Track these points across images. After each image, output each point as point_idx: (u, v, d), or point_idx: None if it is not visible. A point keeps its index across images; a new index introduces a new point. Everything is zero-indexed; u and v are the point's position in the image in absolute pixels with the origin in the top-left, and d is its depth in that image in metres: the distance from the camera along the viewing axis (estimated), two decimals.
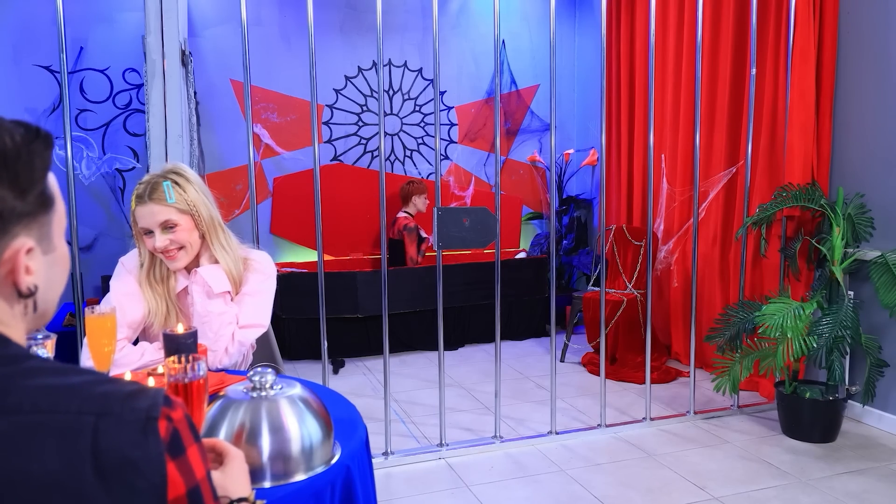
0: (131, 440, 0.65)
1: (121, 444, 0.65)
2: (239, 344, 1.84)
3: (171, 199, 1.78)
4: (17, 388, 0.65)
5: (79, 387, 0.67)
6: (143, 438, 0.66)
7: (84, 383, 0.68)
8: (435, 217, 2.97)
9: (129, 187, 4.76)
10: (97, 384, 0.68)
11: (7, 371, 0.67)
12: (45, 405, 0.65)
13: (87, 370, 0.72)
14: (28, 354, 0.70)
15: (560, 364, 4.51)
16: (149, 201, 1.77)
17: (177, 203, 1.78)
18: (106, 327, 1.36)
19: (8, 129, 0.68)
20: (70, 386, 0.67)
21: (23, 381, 0.66)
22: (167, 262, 1.83)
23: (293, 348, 4.59)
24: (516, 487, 2.76)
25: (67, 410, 0.65)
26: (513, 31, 5.72)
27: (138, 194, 1.79)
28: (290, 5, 5.09)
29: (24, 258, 0.70)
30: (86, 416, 0.65)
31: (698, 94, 3.41)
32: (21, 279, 0.70)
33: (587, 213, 5.78)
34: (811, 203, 3.33)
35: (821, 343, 3.06)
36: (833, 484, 2.75)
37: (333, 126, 5.33)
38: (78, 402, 0.65)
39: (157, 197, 1.77)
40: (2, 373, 0.66)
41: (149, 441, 0.66)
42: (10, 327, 0.72)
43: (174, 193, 1.78)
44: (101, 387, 0.68)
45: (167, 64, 2.65)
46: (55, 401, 0.65)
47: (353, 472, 1.23)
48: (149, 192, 1.78)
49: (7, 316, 0.72)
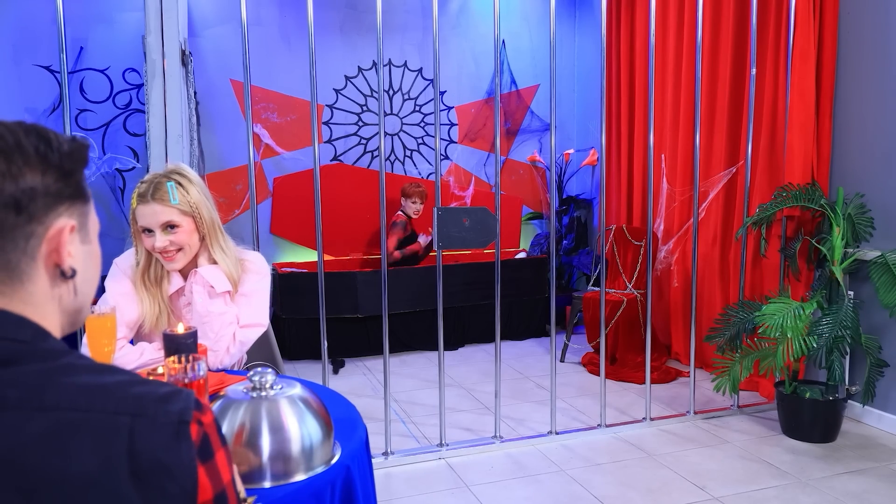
0: (165, 444, 0.66)
1: (155, 447, 0.66)
2: (240, 344, 1.85)
3: (174, 199, 1.77)
4: (56, 385, 0.66)
5: (114, 386, 0.68)
6: (176, 443, 0.67)
7: (119, 383, 0.69)
8: (435, 217, 2.97)
9: (129, 187, 4.76)
10: (131, 385, 0.69)
11: (46, 367, 0.67)
12: (83, 403, 0.65)
13: (120, 370, 0.73)
14: (65, 350, 0.71)
15: (560, 364, 4.51)
16: (151, 201, 1.76)
17: (180, 204, 1.78)
18: (106, 327, 1.36)
19: (53, 131, 0.73)
20: (106, 385, 0.68)
21: (61, 378, 0.67)
22: (165, 263, 1.82)
23: (293, 348, 4.59)
24: (516, 487, 2.76)
25: (104, 410, 0.66)
26: (513, 31, 5.72)
27: (140, 193, 1.78)
28: (290, 5, 5.09)
29: (67, 237, 0.73)
30: (122, 416, 0.66)
31: (698, 94, 3.41)
32: (64, 258, 0.73)
33: (587, 213, 5.78)
34: (811, 203, 3.33)
35: (821, 343, 3.06)
36: (833, 484, 2.75)
37: (333, 126, 5.33)
38: (114, 402, 0.66)
39: (160, 197, 1.77)
40: (41, 368, 0.67)
41: (181, 446, 0.67)
42: (48, 318, 0.73)
43: (177, 194, 1.78)
44: (136, 388, 0.69)
45: (167, 64, 2.65)
46: (92, 399, 0.66)
47: (353, 472, 1.23)
48: (152, 192, 1.77)
49: (46, 301, 0.73)
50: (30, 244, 0.70)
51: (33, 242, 0.71)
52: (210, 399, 1.29)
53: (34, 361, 0.67)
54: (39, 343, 0.70)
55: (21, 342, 0.68)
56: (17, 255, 0.70)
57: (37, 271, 0.72)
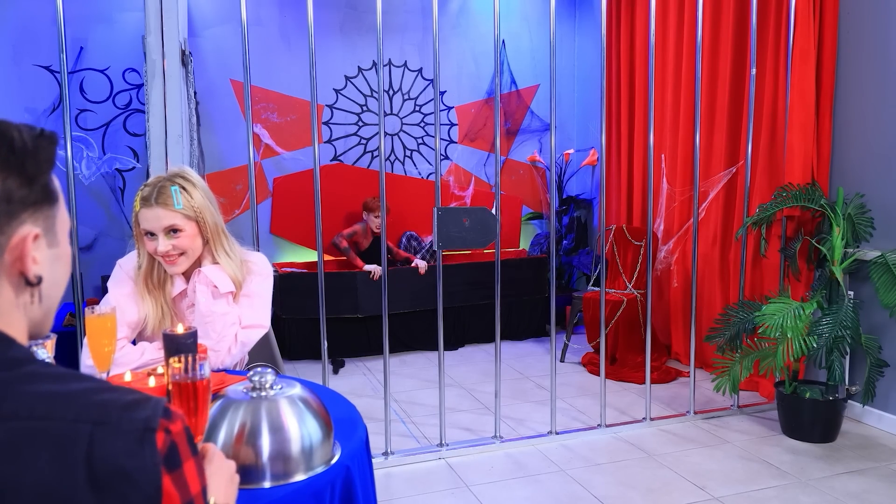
0: (127, 450, 0.64)
1: (115, 453, 0.63)
2: (241, 345, 1.85)
3: (178, 204, 1.76)
4: (15, 393, 0.64)
5: (77, 394, 0.66)
6: (139, 449, 0.65)
7: (83, 391, 0.67)
8: (435, 217, 2.97)
9: (129, 187, 4.76)
10: (96, 392, 0.67)
11: (6, 376, 0.66)
12: (41, 412, 0.64)
13: (88, 377, 0.71)
14: (29, 358, 0.69)
15: (560, 364, 4.51)
16: (155, 205, 1.75)
17: (184, 209, 1.77)
18: (106, 327, 1.36)
19: (15, 126, 0.70)
20: (68, 393, 0.66)
21: (21, 387, 0.65)
22: (167, 267, 1.82)
23: (293, 348, 4.59)
24: (516, 487, 2.76)
25: (63, 418, 0.64)
26: (513, 31, 5.72)
27: (144, 196, 1.77)
28: (290, 5, 5.09)
29: (31, 245, 0.70)
30: (82, 424, 0.64)
31: (698, 94, 3.41)
32: (28, 266, 0.71)
33: (587, 213, 5.78)
34: (811, 203, 3.33)
35: (821, 343, 3.06)
36: (833, 484, 2.75)
37: (333, 126, 5.33)
38: (75, 410, 0.64)
39: (164, 201, 1.75)
40: (1, 378, 0.65)
41: (145, 452, 0.65)
42: (13, 325, 0.71)
43: (181, 199, 1.77)
44: (101, 395, 0.67)
45: (167, 64, 2.65)
46: (51, 408, 0.64)
47: (353, 472, 1.23)
48: (155, 196, 1.76)
49: (12, 309, 0.71)
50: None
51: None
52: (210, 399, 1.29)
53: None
54: (2, 352, 0.68)
55: None
56: None
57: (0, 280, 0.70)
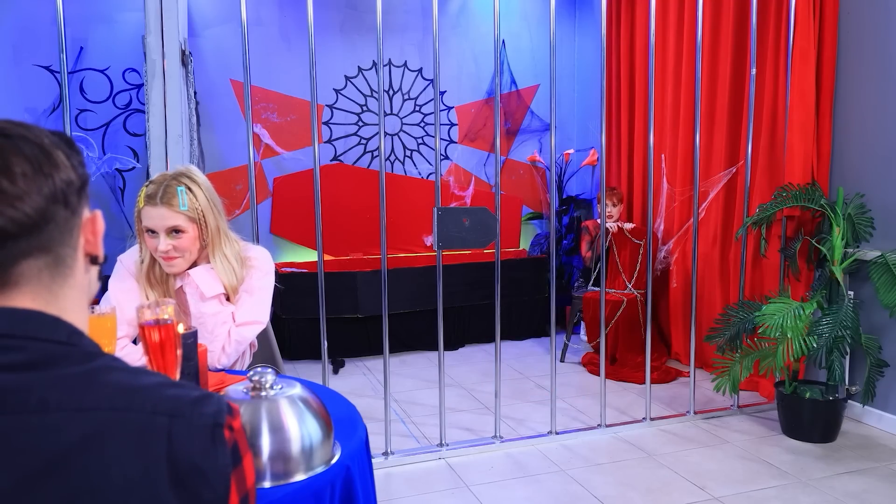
0: (202, 448, 0.66)
1: (192, 451, 0.65)
2: (236, 342, 1.85)
3: (183, 205, 1.77)
4: (96, 385, 0.65)
5: (151, 387, 0.67)
6: (213, 447, 0.66)
7: (155, 384, 0.68)
8: (435, 217, 2.97)
9: (129, 187, 4.76)
10: (166, 387, 0.69)
11: (86, 369, 0.67)
12: (122, 404, 0.65)
13: (153, 372, 0.72)
14: (99, 351, 0.70)
15: (560, 364, 4.51)
16: (160, 204, 1.76)
17: (188, 210, 1.78)
18: (106, 327, 1.36)
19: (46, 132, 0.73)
20: (143, 386, 0.67)
21: (99, 379, 0.66)
22: (165, 265, 1.83)
23: (293, 348, 4.59)
24: (516, 487, 2.76)
25: (143, 409, 0.65)
26: (513, 31, 5.71)
27: (149, 194, 1.77)
28: (290, 5, 5.09)
29: (99, 224, 0.75)
30: (159, 416, 0.65)
31: (698, 94, 3.41)
32: (99, 244, 0.75)
33: (587, 213, 5.77)
34: (811, 203, 3.33)
35: (821, 343, 3.06)
36: (833, 484, 2.75)
37: (333, 126, 5.33)
38: (152, 403, 0.66)
39: (169, 201, 1.76)
40: (80, 370, 0.66)
41: (217, 451, 0.66)
42: (80, 315, 0.73)
43: (187, 200, 1.78)
44: (170, 389, 0.68)
45: (167, 64, 2.65)
46: (131, 400, 0.65)
47: (353, 472, 1.23)
48: (161, 195, 1.76)
49: (82, 293, 0.74)
50: (73, 236, 0.71)
51: (76, 234, 0.72)
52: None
53: (72, 363, 0.67)
54: (76, 343, 0.69)
55: (58, 343, 0.68)
56: (67, 250, 0.71)
57: (78, 263, 0.73)
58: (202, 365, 1.46)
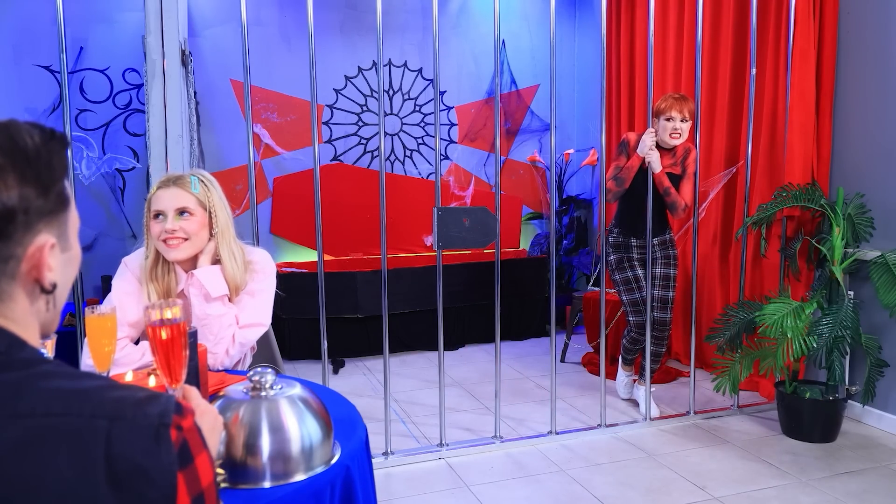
0: (143, 448, 0.64)
1: (133, 451, 0.64)
2: (240, 345, 1.85)
3: (195, 188, 1.84)
4: (31, 391, 0.65)
5: (92, 391, 0.66)
6: (156, 446, 0.65)
7: (97, 388, 0.67)
8: (435, 217, 2.97)
9: (129, 187, 4.76)
10: (110, 389, 0.68)
11: (21, 375, 0.66)
12: (58, 409, 0.64)
13: (98, 376, 0.71)
14: (42, 359, 0.70)
15: (560, 364, 4.51)
16: (173, 186, 1.83)
17: (199, 195, 1.85)
18: (106, 327, 1.36)
19: (27, 130, 0.69)
20: (83, 390, 0.66)
21: (36, 385, 0.65)
22: (166, 250, 1.81)
23: (293, 348, 4.59)
24: (516, 487, 2.76)
25: (80, 414, 0.64)
26: (513, 31, 5.71)
27: (162, 181, 1.86)
28: (290, 5, 5.09)
29: (48, 254, 0.71)
30: (98, 420, 0.64)
31: (698, 95, 3.41)
32: (45, 275, 0.71)
33: (587, 213, 5.78)
34: (811, 203, 3.33)
35: (821, 343, 3.06)
36: (833, 484, 2.75)
37: (333, 126, 5.33)
38: (91, 407, 0.65)
39: (182, 185, 1.84)
40: (16, 377, 0.66)
41: (161, 449, 0.65)
42: (27, 329, 0.72)
43: (199, 187, 1.85)
44: (114, 392, 0.67)
45: (167, 64, 2.65)
46: (68, 404, 0.64)
47: (353, 472, 1.23)
48: (175, 179, 1.85)
49: (26, 315, 0.72)
50: (8, 266, 0.68)
51: (12, 264, 0.69)
52: (210, 399, 1.29)
53: (9, 371, 0.66)
54: (15, 353, 0.68)
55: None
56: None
57: (16, 290, 0.70)
58: (202, 365, 1.46)
